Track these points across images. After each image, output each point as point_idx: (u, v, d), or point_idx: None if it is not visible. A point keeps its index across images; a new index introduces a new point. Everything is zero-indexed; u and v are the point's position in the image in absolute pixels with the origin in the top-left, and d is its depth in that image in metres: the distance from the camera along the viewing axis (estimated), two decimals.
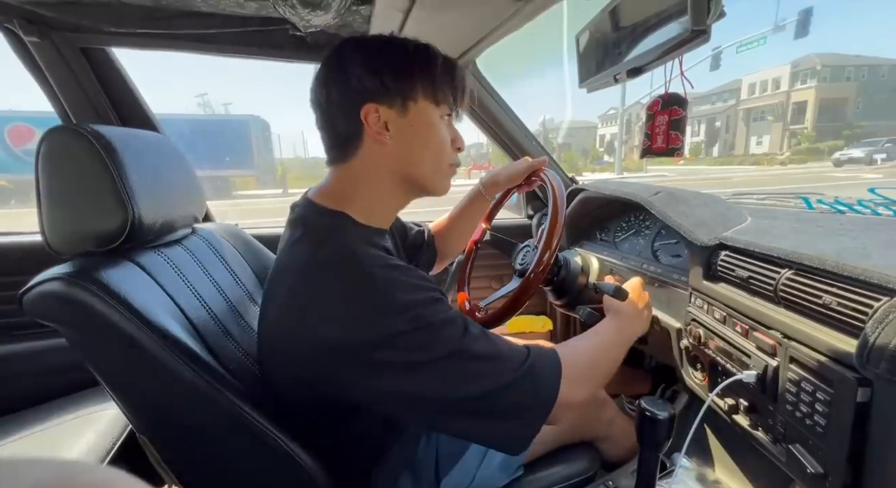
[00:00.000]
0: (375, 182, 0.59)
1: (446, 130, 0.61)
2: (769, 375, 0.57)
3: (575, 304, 0.98)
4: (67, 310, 0.50)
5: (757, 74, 41.91)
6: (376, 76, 0.54)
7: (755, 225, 0.74)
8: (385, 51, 0.56)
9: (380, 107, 0.55)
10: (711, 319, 0.70)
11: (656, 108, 0.66)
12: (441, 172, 0.62)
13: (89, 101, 1.03)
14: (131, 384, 0.55)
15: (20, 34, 0.89)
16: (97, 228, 0.56)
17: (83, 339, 0.52)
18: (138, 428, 0.59)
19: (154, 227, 0.62)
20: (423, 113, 0.57)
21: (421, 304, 0.49)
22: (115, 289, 0.51)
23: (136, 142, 0.62)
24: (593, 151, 49.61)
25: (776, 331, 0.57)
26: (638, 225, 1.06)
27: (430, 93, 0.57)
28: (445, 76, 0.58)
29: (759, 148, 41.56)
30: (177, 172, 0.72)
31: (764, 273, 0.60)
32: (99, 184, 0.55)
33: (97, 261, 0.55)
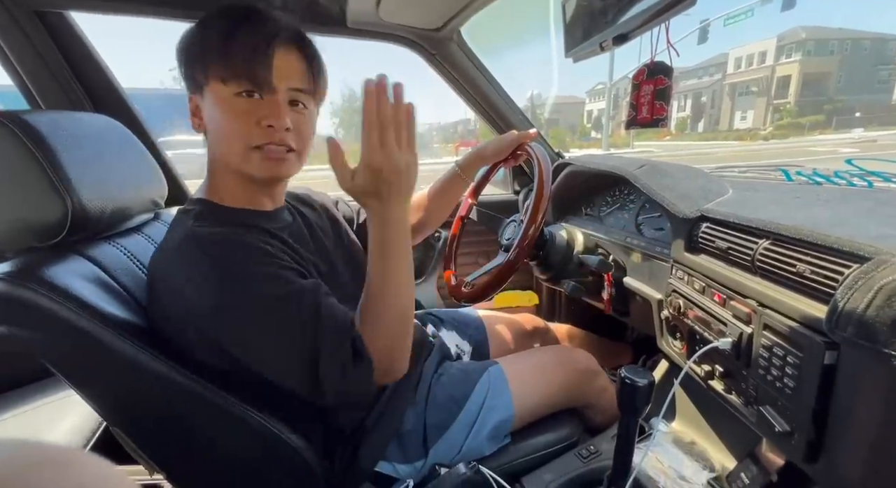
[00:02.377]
0: (214, 166, 0.61)
1: (246, 107, 0.55)
2: (744, 342, 0.59)
3: (560, 278, 0.99)
4: (12, 310, 0.48)
5: (743, 48, 41.81)
6: (182, 65, 0.58)
7: (736, 197, 0.75)
8: (187, 36, 0.57)
9: (193, 95, 0.58)
10: (691, 290, 0.71)
11: (642, 78, 0.65)
12: (243, 157, 0.57)
13: (48, 69, 0.96)
14: (93, 378, 0.54)
15: None
16: (36, 222, 0.53)
17: (34, 337, 0.50)
18: (107, 419, 0.58)
19: (103, 216, 0.58)
20: (214, 95, 0.56)
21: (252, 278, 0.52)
22: (61, 285, 0.49)
23: (71, 127, 0.57)
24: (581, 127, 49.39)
25: (752, 300, 0.59)
26: (623, 199, 1.07)
27: (214, 71, 0.55)
28: (224, 49, 0.54)
29: (744, 123, 41.95)
30: (128, 157, 0.68)
31: (742, 243, 0.61)
32: (28, 176, 0.51)
33: (41, 257, 0.52)
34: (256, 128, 0.55)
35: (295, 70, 0.57)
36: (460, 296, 0.89)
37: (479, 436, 0.71)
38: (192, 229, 0.55)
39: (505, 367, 0.79)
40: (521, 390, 0.76)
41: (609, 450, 0.74)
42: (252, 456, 0.58)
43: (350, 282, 0.70)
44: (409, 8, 0.97)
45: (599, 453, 0.76)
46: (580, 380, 0.83)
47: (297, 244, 0.62)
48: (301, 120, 0.59)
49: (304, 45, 0.59)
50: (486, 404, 0.73)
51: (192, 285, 0.51)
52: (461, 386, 0.75)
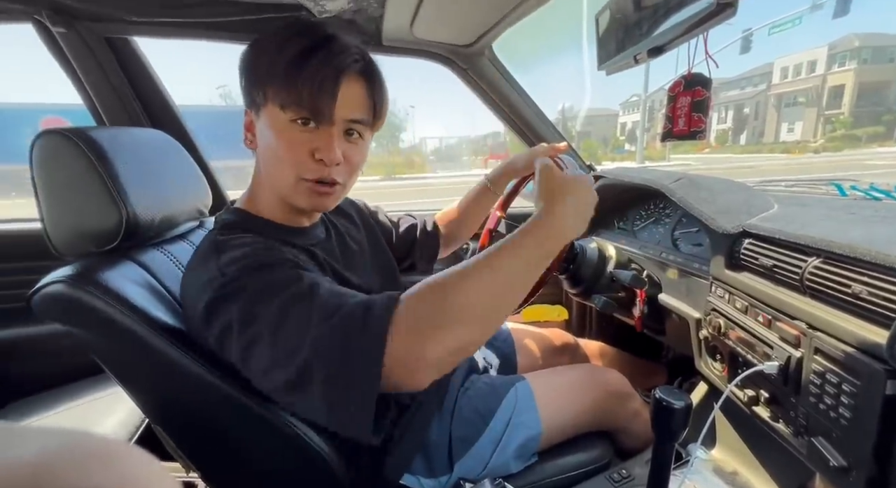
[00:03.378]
0: (257, 182, 0.61)
1: (300, 136, 0.53)
2: (792, 366, 0.55)
3: (591, 293, 0.97)
4: (72, 311, 0.52)
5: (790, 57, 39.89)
6: (243, 80, 0.56)
7: (782, 212, 0.71)
8: (250, 51, 0.55)
9: (250, 111, 0.57)
10: (732, 309, 0.68)
11: (678, 90, 0.63)
12: (293, 186, 0.55)
13: (114, 90, 1.06)
14: (138, 378, 0.58)
15: (48, 25, 0.92)
16: (94, 230, 0.57)
17: (89, 337, 0.54)
18: (150, 417, 0.62)
19: (153, 224, 0.63)
20: (270, 118, 0.54)
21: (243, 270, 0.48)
22: (114, 288, 0.53)
23: (127, 141, 0.62)
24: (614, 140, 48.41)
25: (801, 322, 0.55)
26: (658, 213, 1.04)
27: (274, 95, 0.52)
28: (290, 75, 0.51)
29: (791, 135, 39.76)
30: (176, 168, 0.72)
31: (790, 261, 0.57)
32: (90, 187, 0.56)
33: (98, 261, 0.57)
34: (309, 159, 0.54)
35: (357, 102, 0.55)
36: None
37: (505, 453, 0.70)
38: (216, 237, 0.55)
39: (533, 384, 0.77)
40: (549, 408, 0.74)
41: (643, 475, 0.70)
42: (280, 460, 0.59)
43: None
44: (441, 25, 1.00)
45: (632, 478, 0.72)
46: (612, 403, 0.80)
47: (328, 258, 0.62)
48: (353, 150, 0.58)
49: (371, 76, 0.56)
50: (512, 420, 0.72)
51: (200, 290, 0.50)
52: (487, 401, 0.74)
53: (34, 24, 0.94)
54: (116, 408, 0.96)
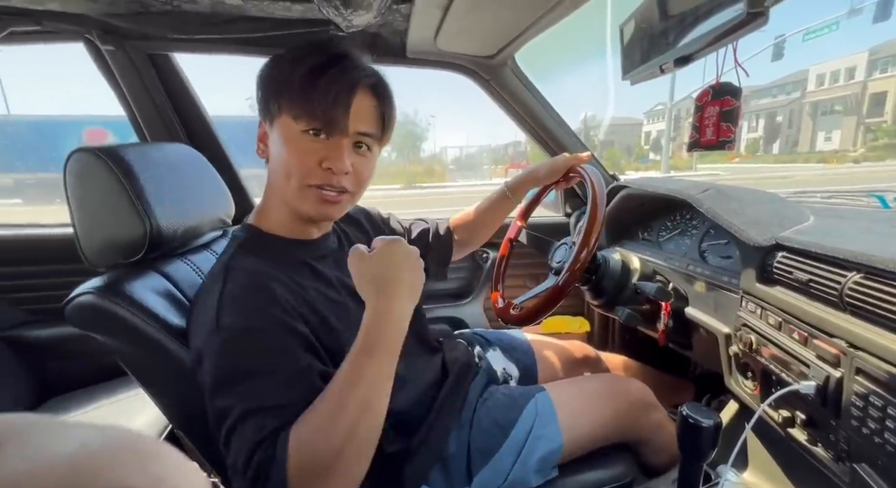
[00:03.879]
0: (269, 193, 0.62)
1: (310, 146, 0.55)
2: (831, 387, 0.52)
3: (614, 305, 0.95)
4: (101, 320, 0.56)
5: (827, 64, 38.33)
6: (259, 91, 0.59)
7: (818, 224, 0.68)
8: (269, 65, 0.58)
9: (263, 122, 0.60)
10: (765, 325, 0.65)
11: (706, 99, 0.62)
12: (297, 193, 0.57)
13: (153, 103, 1.12)
14: (160, 384, 0.60)
15: (98, 44, 0.98)
16: (121, 242, 0.61)
17: (116, 344, 0.58)
18: (174, 424, 0.64)
19: (176, 235, 0.66)
20: (283, 128, 0.56)
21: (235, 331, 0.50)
22: (139, 299, 0.56)
23: (152, 156, 0.66)
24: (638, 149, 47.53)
25: (840, 340, 0.52)
26: (684, 224, 1.01)
27: (288, 107, 0.55)
28: (304, 88, 0.54)
29: (828, 144, 38.04)
30: (200, 180, 0.76)
31: (827, 276, 0.55)
32: (117, 202, 0.60)
33: (124, 273, 0.60)
34: (317, 168, 0.56)
35: (367, 115, 0.58)
36: (508, 318, 0.88)
37: (525, 466, 0.68)
38: (227, 262, 0.57)
39: (553, 394, 0.76)
40: (570, 420, 0.72)
41: None
42: None
43: None
44: (465, 37, 1.01)
45: None
46: (633, 412, 0.78)
47: (337, 272, 0.64)
48: (362, 162, 0.60)
49: (381, 92, 0.59)
50: (533, 432, 0.70)
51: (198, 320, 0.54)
52: (507, 412, 0.73)
53: (85, 43, 1.01)
54: (146, 408, 1.00)
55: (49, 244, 1.22)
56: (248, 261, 0.57)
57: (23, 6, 0.85)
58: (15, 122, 14.83)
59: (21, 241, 1.20)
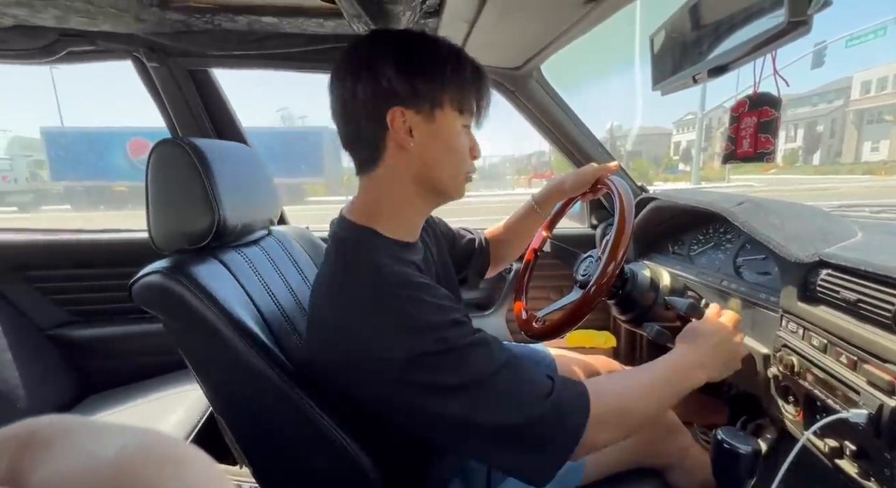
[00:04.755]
0: (399, 190, 0.58)
1: (465, 138, 0.59)
2: (885, 416, 0.48)
3: (642, 321, 0.91)
4: (164, 299, 0.58)
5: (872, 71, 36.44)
6: (408, 80, 0.52)
7: (867, 240, 0.64)
8: (418, 52, 0.54)
9: (406, 111, 0.53)
10: (808, 347, 0.61)
11: (742, 110, 0.60)
12: (459, 178, 0.61)
13: (192, 116, 1.18)
14: (211, 368, 0.62)
15: (144, 61, 1.05)
16: (190, 229, 0.64)
17: (175, 325, 0.60)
18: (216, 408, 0.65)
19: (236, 229, 0.69)
20: (448, 120, 0.56)
21: (444, 326, 0.49)
22: (203, 283, 0.58)
23: (224, 153, 0.69)
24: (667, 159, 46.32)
25: (894, 365, 0.48)
26: (717, 238, 0.97)
27: (456, 101, 0.56)
28: (473, 85, 0.57)
29: (876, 154, 35.93)
30: (257, 180, 0.79)
31: (878, 296, 0.51)
32: (193, 190, 0.63)
33: (189, 257, 0.63)
34: (468, 156, 0.61)
35: None
36: (531, 331, 0.86)
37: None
38: (379, 266, 0.53)
39: None
40: None
41: None
42: (324, 467, 0.60)
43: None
44: (491, 50, 1.02)
45: None
46: (656, 437, 0.74)
47: (426, 274, 0.62)
48: None
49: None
50: None
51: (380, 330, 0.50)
52: None
53: (133, 61, 1.07)
54: (177, 407, 1.03)
55: (94, 249, 1.29)
56: (391, 263, 0.55)
57: (80, 27, 0.92)
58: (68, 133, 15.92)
59: (67, 246, 1.28)
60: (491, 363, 0.50)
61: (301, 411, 0.56)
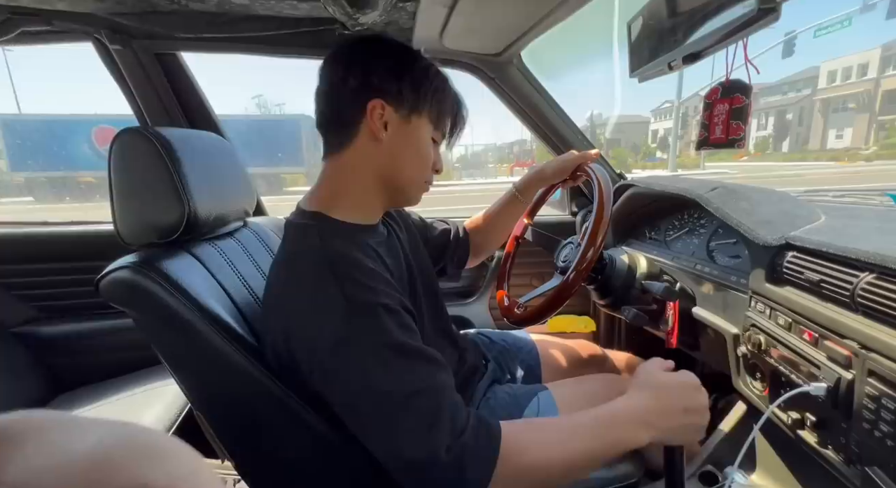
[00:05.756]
0: (360, 177, 0.61)
1: (432, 150, 0.64)
2: (842, 389, 0.51)
3: (620, 305, 0.94)
4: (134, 295, 0.56)
5: (839, 60, 37.71)
6: (397, 81, 0.58)
7: (830, 224, 0.67)
8: (412, 63, 0.60)
9: (387, 106, 0.58)
10: (774, 325, 0.64)
11: (715, 97, 0.61)
12: (418, 185, 0.65)
13: (161, 102, 1.13)
14: (187, 363, 0.60)
15: (106, 43, 0.99)
16: (159, 222, 0.62)
17: (147, 321, 0.58)
18: (194, 404, 0.64)
19: (208, 221, 0.67)
20: (422, 128, 0.61)
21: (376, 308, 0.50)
22: (174, 277, 0.56)
23: (193, 143, 0.66)
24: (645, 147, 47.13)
25: (852, 341, 0.51)
26: (692, 223, 1.00)
27: (433, 115, 0.62)
28: (451, 110, 0.65)
29: (840, 142, 37.45)
30: (229, 170, 0.77)
31: (839, 276, 0.54)
32: (160, 182, 0.60)
33: (159, 251, 0.61)
34: (430, 168, 0.66)
35: None
36: (513, 317, 0.88)
37: None
38: (324, 247, 0.54)
39: (554, 393, 0.75)
40: None
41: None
42: (308, 458, 0.60)
43: (423, 298, 0.71)
44: (471, 35, 1.01)
45: None
46: None
47: (388, 259, 0.63)
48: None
49: None
50: None
51: (318, 312, 0.50)
52: (509, 410, 0.73)
53: (94, 43, 1.02)
54: (154, 403, 1.01)
55: (59, 242, 1.24)
56: (339, 244, 0.56)
57: (33, 6, 0.86)
58: (26, 120, 15.00)
59: (32, 239, 1.22)
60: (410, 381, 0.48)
61: (282, 403, 0.56)
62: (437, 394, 0.48)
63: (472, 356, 0.83)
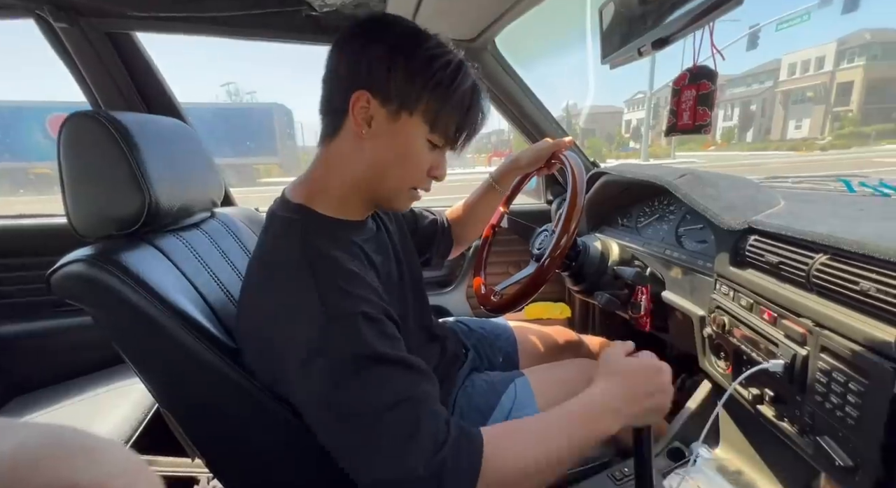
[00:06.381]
0: (343, 174, 0.56)
1: (428, 155, 0.56)
2: (798, 365, 0.54)
3: (593, 290, 0.96)
4: (90, 290, 0.52)
5: (798, 54, 39.36)
6: (387, 70, 0.50)
7: (788, 208, 0.70)
8: (411, 51, 0.51)
9: (373, 99, 0.51)
10: (737, 306, 0.67)
11: (683, 83, 0.62)
12: (401, 191, 0.58)
13: (116, 86, 1.06)
14: (151, 360, 0.58)
15: (50, 21, 0.92)
16: (117, 213, 0.58)
17: (106, 318, 0.55)
18: (161, 403, 0.62)
19: (172, 211, 0.63)
20: (411, 129, 0.53)
21: (356, 321, 0.46)
22: (134, 270, 0.53)
23: (153, 128, 0.63)
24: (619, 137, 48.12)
25: (807, 319, 0.54)
26: (662, 210, 1.03)
27: (430, 114, 0.52)
28: (460, 108, 0.54)
29: (799, 132, 39.32)
30: (194, 158, 0.73)
31: (796, 258, 0.57)
32: (116, 170, 0.57)
33: (118, 244, 0.57)
34: (425, 174, 0.57)
35: None
36: (490, 305, 0.88)
37: None
38: (305, 247, 0.51)
39: (531, 379, 0.77)
40: (547, 403, 0.73)
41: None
42: (281, 452, 0.59)
43: (410, 292, 0.70)
44: (444, 18, 0.99)
45: (633, 476, 0.72)
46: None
47: (376, 256, 0.61)
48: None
49: None
50: (512, 414, 0.71)
51: (293, 318, 0.48)
52: (487, 397, 0.74)
53: (36, 20, 0.94)
54: (122, 401, 0.97)
55: (9, 237, 1.16)
56: (323, 244, 0.52)
57: None
58: None
59: None
60: (389, 393, 0.45)
61: (255, 399, 0.54)
62: (417, 406, 0.46)
63: (453, 344, 0.83)
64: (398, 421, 0.44)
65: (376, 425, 0.44)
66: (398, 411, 0.44)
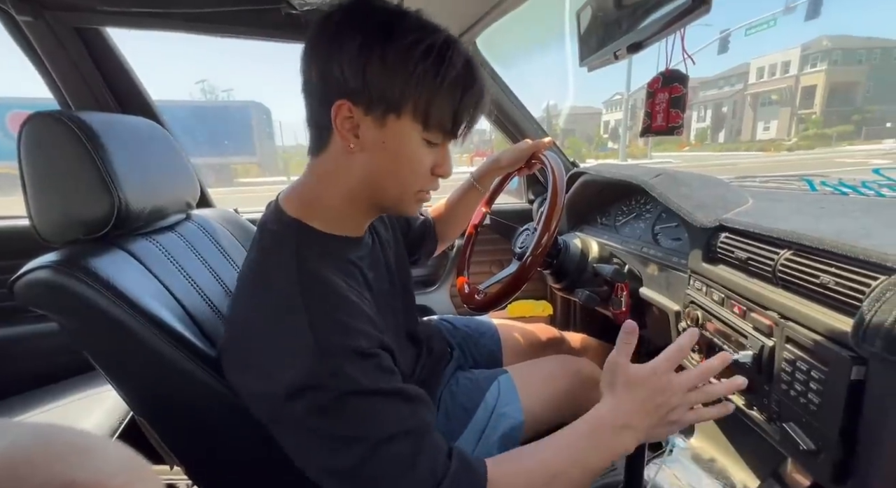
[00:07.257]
0: (339, 191, 0.52)
1: (427, 155, 0.51)
2: (765, 355, 0.57)
3: (574, 287, 0.98)
4: (57, 298, 0.51)
5: (766, 58, 41.03)
6: (362, 72, 0.44)
7: (756, 207, 0.73)
8: (381, 44, 0.44)
9: (355, 108, 0.46)
10: (710, 301, 0.70)
11: (657, 86, 0.65)
12: (408, 198, 0.54)
13: (86, 84, 1.02)
14: (124, 368, 0.56)
15: (13, 14, 0.88)
16: (84, 216, 0.56)
17: (75, 326, 0.53)
18: (136, 411, 0.60)
19: (143, 214, 0.62)
20: (403, 131, 0.48)
21: (349, 357, 0.44)
22: (104, 276, 0.52)
23: (121, 128, 0.61)
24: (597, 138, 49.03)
25: (773, 312, 0.57)
26: (639, 208, 1.06)
27: (420, 109, 0.47)
28: (453, 93, 0.47)
29: (767, 133, 40.95)
30: (167, 158, 0.71)
31: (763, 254, 0.59)
32: (82, 172, 0.55)
33: (86, 248, 0.55)
34: (429, 174, 0.53)
35: None
36: (473, 303, 0.89)
37: (489, 443, 0.70)
38: (300, 269, 0.48)
39: (514, 375, 0.78)
40: (530, 398, 0.75)
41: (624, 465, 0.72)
42: (261, 457, 0.58)
43: (399, 300, 0.69)
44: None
45: (614, 467, 0.74)
46: (585, 389, 0.82)
47: (371, 272, 0.58)
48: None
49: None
50: (496, 411, 0.72)
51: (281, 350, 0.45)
52: (471, 395, 0.75)
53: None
54: (94, 409, 0.93)
55: None
56: (317, 266, 0.49)
57: None
58: None
59: None
60: (388, 424, 0.43)
61: (232, 405, 0.53)
62: (415, 440, 0.44)
63: (438, 343, 0.84)
64: (393, 454, 0.42)
65: (373, 458, 0.42)
66: (394, 444, 0.42)
